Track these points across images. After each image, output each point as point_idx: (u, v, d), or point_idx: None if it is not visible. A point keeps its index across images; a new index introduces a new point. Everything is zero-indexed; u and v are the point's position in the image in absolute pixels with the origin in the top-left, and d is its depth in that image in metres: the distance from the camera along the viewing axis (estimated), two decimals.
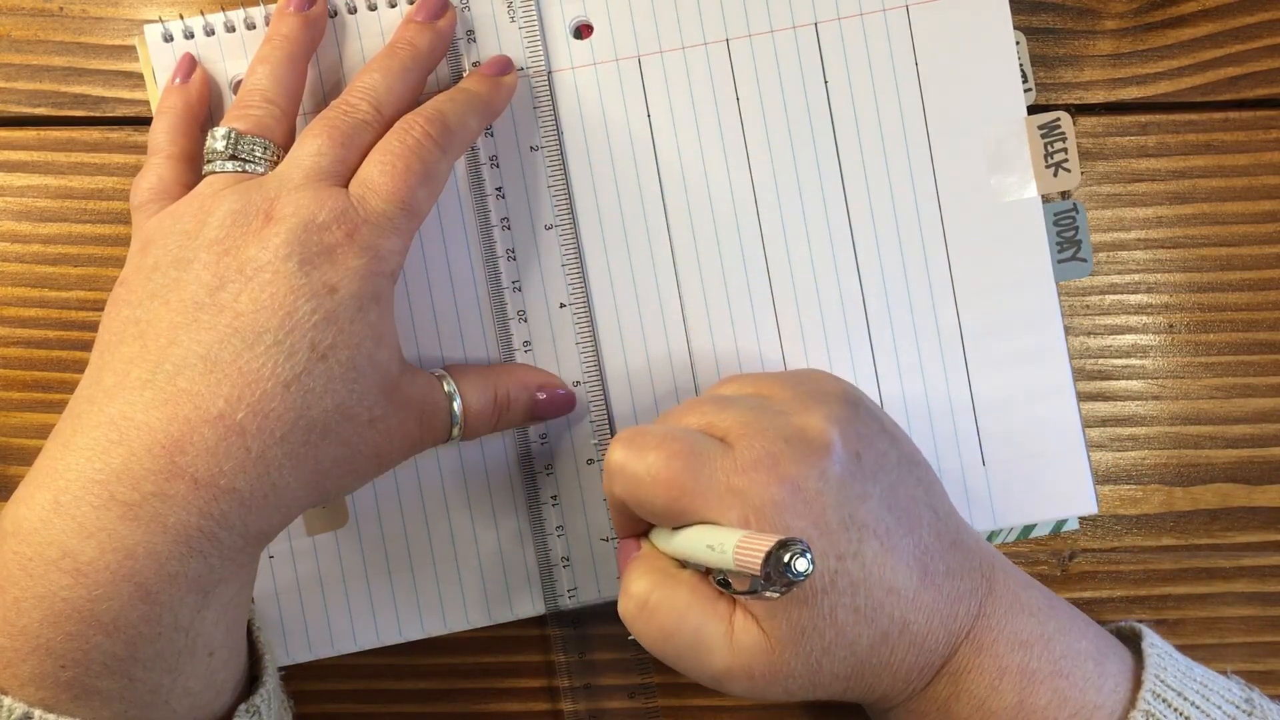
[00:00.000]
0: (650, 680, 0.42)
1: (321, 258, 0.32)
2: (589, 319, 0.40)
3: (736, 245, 0.40)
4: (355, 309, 0.32)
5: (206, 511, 0.30)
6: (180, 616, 0.30)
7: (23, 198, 0.42)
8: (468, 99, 0.37)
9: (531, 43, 0.40)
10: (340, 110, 0.35)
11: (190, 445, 0.30)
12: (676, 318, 0.41)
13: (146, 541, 0.29)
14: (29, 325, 0.42)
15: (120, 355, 0.32)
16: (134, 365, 0.31)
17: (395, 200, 0.34)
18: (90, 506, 0.29)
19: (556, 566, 0.41)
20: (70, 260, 0.42)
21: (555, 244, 0.40)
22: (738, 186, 0.40)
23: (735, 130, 0.40)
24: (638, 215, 0.40)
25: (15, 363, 0.42)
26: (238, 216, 0.33)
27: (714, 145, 0.40)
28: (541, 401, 0.39)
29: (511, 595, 0.41)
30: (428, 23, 0.38)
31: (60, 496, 0.29)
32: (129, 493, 0.29)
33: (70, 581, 0.29)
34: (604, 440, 0.41)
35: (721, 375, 0.41)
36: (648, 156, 0.40)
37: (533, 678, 0.43)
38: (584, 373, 0.41)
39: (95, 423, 0.30)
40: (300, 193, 0.33)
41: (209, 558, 0.30)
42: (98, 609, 0.29)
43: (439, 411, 0.36)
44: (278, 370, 0.31)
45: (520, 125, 0.40)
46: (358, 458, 0.33)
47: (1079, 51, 0.42)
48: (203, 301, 0.31)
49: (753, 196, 0.40)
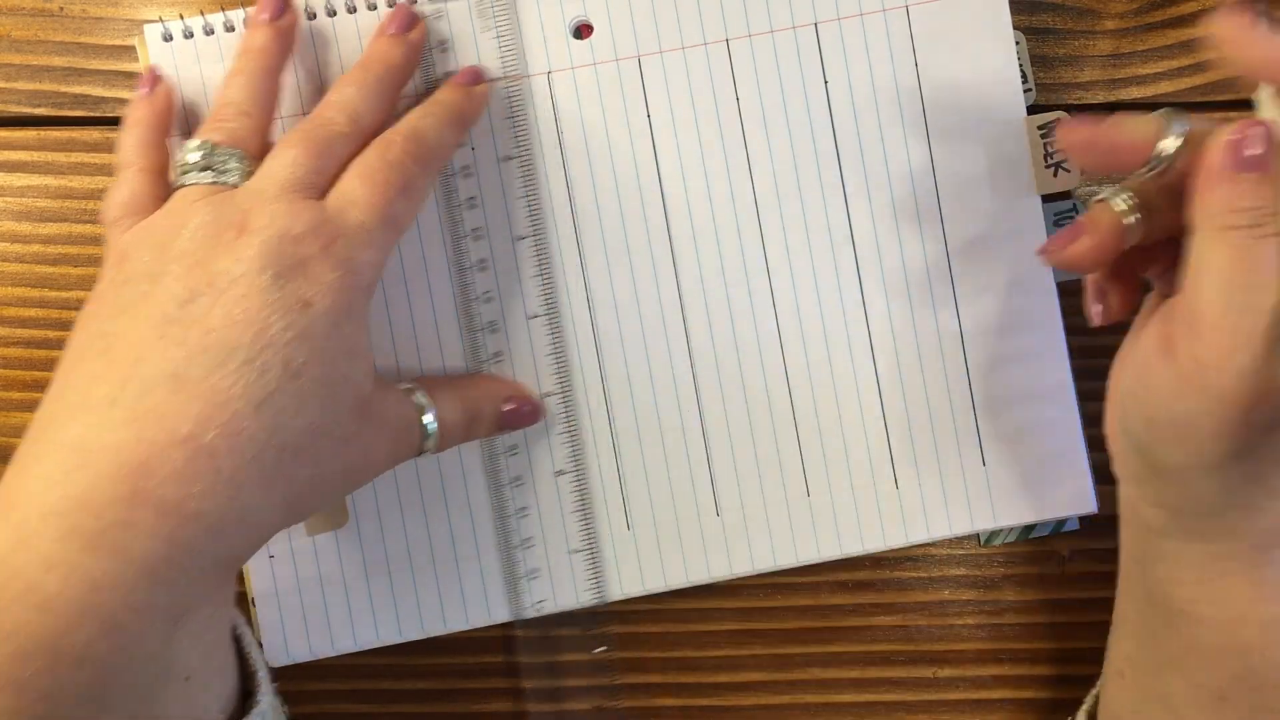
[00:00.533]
0: (617, 683, 0.42)
1: (296, 271, 0.31)
2: (560, 330, 0.40)
3: (736, 245, 0.40)
4: (330, 325, 0.31)
5: (173, 539, 0.29)
6: (150, 645, 0.29)
7: (23, 198, 0.42)
8: (444, 111, 0.37)
9: (505, 51, 0.40)
10: (316, 123, 0.35)
11: (157, 469, 0.29)
12: (676, 319, 0.41)
13: (111, 572, 0.28)
14: (29, 325, 0.42)
15: (84, 372, 0.31)
16: (98, 383, 0.30)
17: (375, 213, 0.33)
18: (51, 539, 0.28)
19: (523, 579, 0.41)
20: (70, 260, 0.42)
21: (528, 255, 0.40)
22: (737, 186, 0.40)
23: (735, 130, 0.40)
24: (638, 215, 0.40)
25: (15, 363, 0.42)
26: (210, 228, 0.32)
27: (714, 145, 0.40)
28: (509, 412, 0.39)
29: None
30: (399, 36, 0.38)
31: (21, 529, 0.28)
32: (91, 522, 0.28)
33: (36, 616, 0.28)
34: (575, 452, 0.41)
35: (720, 380, 0.40)
36: (647, 157, 0.40)
37: (533, 678, 0.43)
38: (554, 384, 0.40)
39: (56, 445, 0.29)
40: (275, 204, 0.32)
41: (176, 586, 0.29)
42: (64, 642, 0.28)
43: (412, 426, 0.36)
44: (249, 390, 0.30)
45: (495, 135, 0.40)
46: (330, 477, 0.32)
47: (1079, 51, 0.42)
48: (172, 316, 0.30)
49: (753, 196, 0.40)
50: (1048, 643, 0.43)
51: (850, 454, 0.41)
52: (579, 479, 0.41)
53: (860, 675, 0.43)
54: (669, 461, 0.41)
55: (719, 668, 0.43)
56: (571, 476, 0.41)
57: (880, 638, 0.43)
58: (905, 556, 0.43)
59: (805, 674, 0.43)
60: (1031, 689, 0.43)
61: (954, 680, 0.43)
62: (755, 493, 0.41)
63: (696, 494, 0.41)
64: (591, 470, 0.41)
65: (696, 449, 0.41)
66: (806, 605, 0.43)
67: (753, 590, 0.43)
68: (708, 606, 0.43)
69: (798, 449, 0.41)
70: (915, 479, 0.41)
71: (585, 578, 0.41)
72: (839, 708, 0.43)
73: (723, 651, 0.43)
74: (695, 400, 0.41)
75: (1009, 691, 0.43)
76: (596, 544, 0.41)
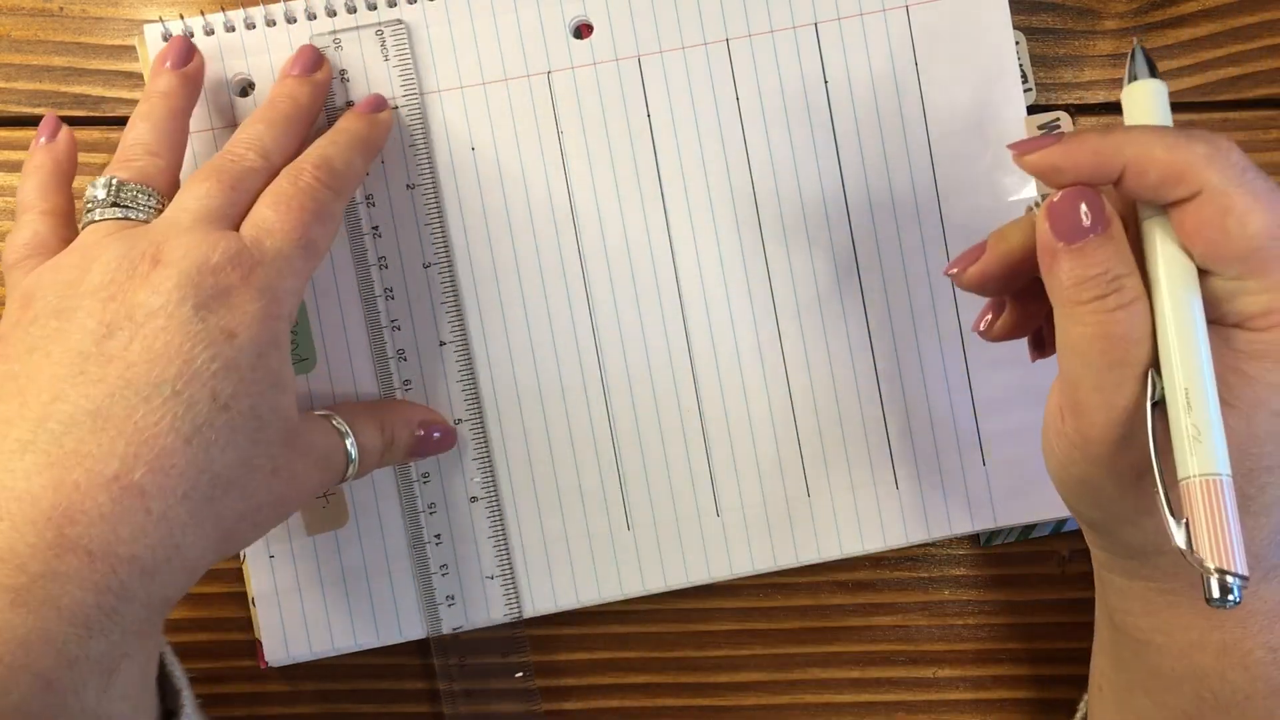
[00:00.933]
0: (537, 709, 0.42)
1: (217, 301, 0.31)
2: (469, 355, 0.40)
3: (736, 244, 0.40)
4: (255, 355, 0.31)
5: (104, 586, 0.28)
6: (85, 700, 0.28)
7: None
8: (349, 139, 0.37)
9: (405, 78, 0.39)
10: (227, 158, 0.34)
11: (82, 514, 0.28)
12: (677, 321, 0.41)
13: (41, 628, 0.27)
14: None
15: None
16: (12, 426, 0.29)
17: (292, 240, 0.33)
18: None
19: (441, 605, 0.41)
20: None
21: (436, 282, 0.40)
22: (738, 186, 0.40)
23: (735, 130, 0.40)
24: (638, 215, 0.40)
25: None
26: (123, 261, 0.31)
27: (714, 145, 0.40)
28: (421, 438, 0.39)
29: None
30: (305, 76, 0.38)
31: None
32: (15, 576, 0.27)
33: None
34: (487, 478, 0.40)
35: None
36: (647, 157, 0.40)
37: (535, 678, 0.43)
38: (465, 410, 0.40)
39: None
40: (190, 235, 0.31)
41: (110, 635, 0.28)
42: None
43: (336, 452, 0.35)
44: (177, 424, 0.29)
45: (391, 163, 0.40)
46: (261, 509, 0.32)
47: (1079, 51, 0.42)
48: (89, 352, 0.29)
49: (753, 196, 0.40)
50: (1048, 643, 0.43)
51: (850, 454, 0.41)
52: (491, 504, 0.41)
53: (860, 675, 0.43)
54: (669, 463, 0.41)
55: (719, 668, 0.43)
56: (484, 502, 0.41)
57: (880, 638, 0.43)
58: (905, 556, 0.43)
59: (805, 674, 0.43)
60: (1031, 689, 0.43)
61: (954, 680, 0.43)
62: (755, 493, 0.41)
63: (697, 495, 0.41)
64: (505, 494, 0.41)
65: (696, 450, 0.41)
66: (806, 605, 0.43)
67: (753, 590, 0.43)
68: (708, 606, 0.43)
69: (798, 449, 0.41)
70: (915, 479, 0.41)
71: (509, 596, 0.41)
72: (839, 708, 0.43)
73: (723, 651, 0.43)
74: (696, 401, 0.41)
75: (1009, 691, 0.43)
76: (512, 568, 0.41)
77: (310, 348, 0.40)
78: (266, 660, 0.41)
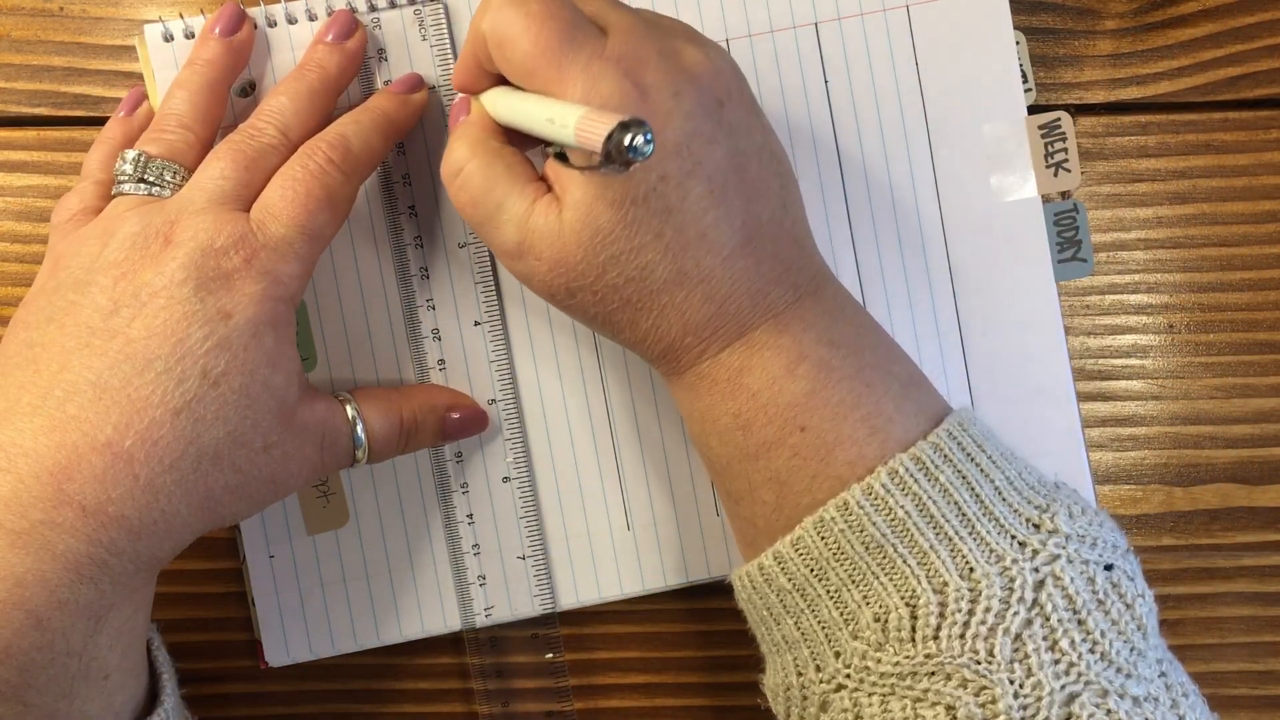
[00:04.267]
0: (570, 708, 0.42)
1: (218, 283, 0.32)
2: (504, 336, 0.40)
3: None
4: (250, 335, 0.32)
5: (95, 539, 0.30)
6: (73, 642, 0.30)
7: (23, 198, 0.42)
8: (373, 119, 0.37)
9: (443, 59, 0.39)
10: (246, 134, 0.35)
11: (78, 472, 0.30)
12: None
13: (36, 569, 0.29)
14: None
15: (13, 380, 0.32)
16: (25, 391, 0.31)
17: (295, 225, 0.33)
18: None
19: (473, 585, 0.41)
20: None
21: (469, 262, 0.40)
22: None
23: None
24: None
25: None
26: (137, 239, 0.33)
27: None
28: (452, 421, 0.39)
29: (512, 595, 0.41)
30: (337, 44, 0.38)
31: None
32: (17, 520, 0.29)
33: None
34: (519, 458, 0.41)
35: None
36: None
37: (534, 678, 0.43)
38: (499, 390, 0.40)
39: None
40: (200, 217, 0.33)
41: (99, 584, 0.30)
42: None
43: (340, 436, 0.36)
44: (167, 397, 0.31)
45: (433, 143, 0.40)
46: (251, 484, 0.33)
47: (1079, 51, 0.42)
48: (96, 327, 0.32)
49: None
50: None
51: None
52: (525, 485, 0.41)
53: None
54: (669, 463, 0.41)
55: (718, 668, 0.43)
56: (518, 483, 0.41)
57: None
58: None
59: None
60: None
61: None
62: None
63: (697, 495, 0.41)
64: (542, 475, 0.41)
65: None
66: None
67: None
68: (708, 607, 0.43)
69: None
70: None
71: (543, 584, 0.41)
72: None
73: (722, 651, 0.43)
74: None
75: None
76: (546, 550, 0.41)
77: (311, 348, 0.40)
78: (266, 660, 0.41)
